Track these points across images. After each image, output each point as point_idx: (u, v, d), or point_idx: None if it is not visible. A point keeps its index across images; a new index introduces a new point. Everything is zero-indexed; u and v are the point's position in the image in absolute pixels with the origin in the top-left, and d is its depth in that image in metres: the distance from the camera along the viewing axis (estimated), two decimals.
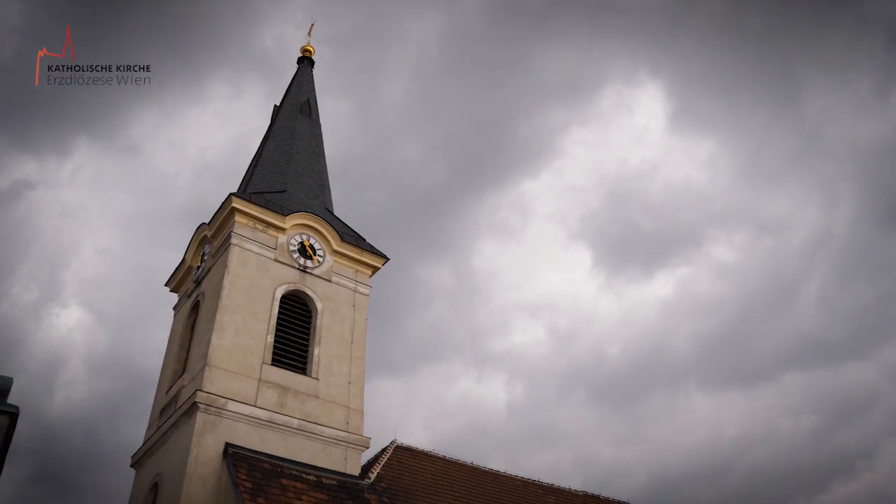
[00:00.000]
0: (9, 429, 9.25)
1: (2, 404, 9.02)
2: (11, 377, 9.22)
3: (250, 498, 15.43)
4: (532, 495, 24.12)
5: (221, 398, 17.52)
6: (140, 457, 20.10)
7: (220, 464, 16.80)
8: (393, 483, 19.51)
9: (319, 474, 17.79)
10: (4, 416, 9.01)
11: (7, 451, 9.81)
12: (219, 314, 18.88)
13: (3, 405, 9.02)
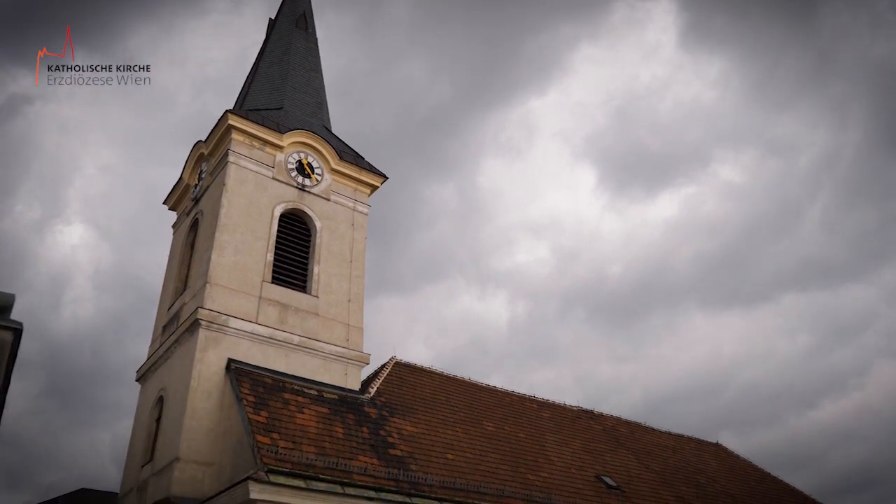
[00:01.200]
0: (13, 344, 9.38)
1: (5, 320, 9.12)
2: (13, 293, 9.29)
3: (253, 411, 15.87)
4: (527, 410, 24.84)
5: (223, 315, 17.78)
6: (144, 372, 20.56)
7: (223, 379, 17.21)
8: (392, 397, 20.04)
9: (321, 389, 18.24)
10: (8, 331, 9.12)
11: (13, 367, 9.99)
12: (218, 232, 18.93)
13: (6, 321, 9.12)
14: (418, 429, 18.96)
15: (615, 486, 21.63)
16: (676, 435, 30.87)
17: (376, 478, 15.64)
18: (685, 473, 26.31)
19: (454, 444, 19.21)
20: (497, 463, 19.33)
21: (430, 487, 16.31)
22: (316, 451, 15.48)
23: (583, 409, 27.92)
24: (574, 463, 22.01)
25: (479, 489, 17.25)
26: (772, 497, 28.57)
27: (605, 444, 25.23)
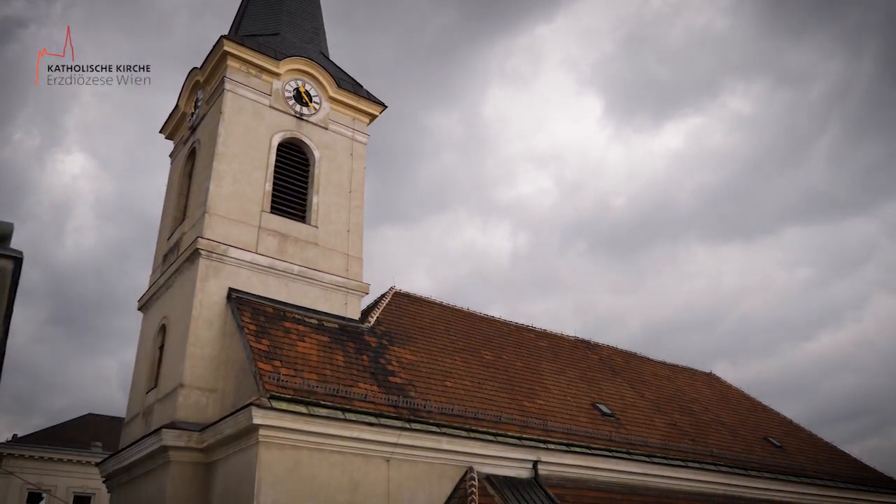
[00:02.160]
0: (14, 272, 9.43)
1: (5, 249, 9.14)
2: (12, 223, 9.29)
3: (255, 339, 16.10)
4: (525, 339, 25.21)
5: (222, 245, 17.82)
6: (146, 301, 20.75)
7: (224, 307, 17.39)
8: (391, 326, 20.30)
9: (321, 318, 18.45)
10: (8, 260, 9.16)
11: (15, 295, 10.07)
12: (216, 162, 18.78)
13: (6, 250, 9.14)
14: (417, 357, 19.29)
15: (610, 413, 22.16)
16: (671, 365, 31.45)
17: (376, 404, 16.00)
18: (678, 402, 26.93)
19: (453, 371, 19.57)
20: (494, 390, 19.74)
21: (429, 413, 16.70)
22: (317, 378, 15.78)
23: (580, 339, 28.35)
24: (570, 391, 22.48)
25: (476, 415, 17.67)
26: (763, 425, 29.32)
27: (601, 373, 25.72)
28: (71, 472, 38.17)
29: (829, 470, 27.17)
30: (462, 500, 15.85)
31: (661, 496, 20.08)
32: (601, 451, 19.38)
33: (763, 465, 24.31)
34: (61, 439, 39.73)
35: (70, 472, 38.17)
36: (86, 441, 40.08)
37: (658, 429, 22.89)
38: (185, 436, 15.85)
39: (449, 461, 16.56)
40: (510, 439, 17.61)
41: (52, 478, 37.33)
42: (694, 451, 22.42)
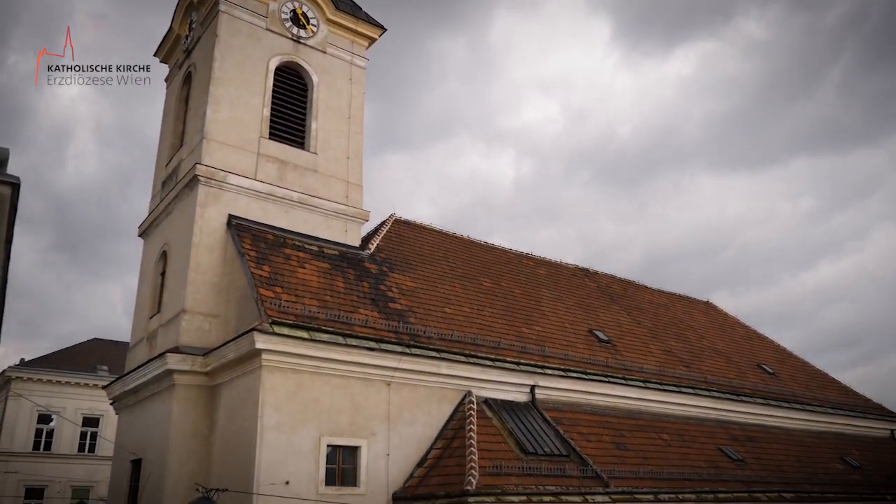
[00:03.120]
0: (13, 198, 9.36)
1: (2, 175, 9.03)
2: (7, 148, 9.14)
3: (256, 266, 16.18)
4: (524, 267, 25.36)
5: (221, 171, 17.69)
6: (146, 227, 20.75)
7: (224, 234, 17.41)
8: (392, 254, 20.38)
9: (321, 245, 18.50)
10: (6, 186, 9.06)
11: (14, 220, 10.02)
12: (212, 86, 18.44)
13: (3, 175, 9.03)
14: (417, 284, 19.44)
15: (606, 339, 22.50)
16: (668, 293, 31.75)
17: (377, 330, 16.21)
18: (675, 329, 27.31)
19: (452, 298, 19.76)
20: (493, 317, 19.98)
21: (429, 339, 16.95)
22: (318, 304, 15.94)
23: (578, 266, 28.52)
24: (567, 318, 22.76)
25: (475, 341, 17.94)
26: (756, 352, 29.83)
27: (599, 300, 25.99)
28: (78, 395, 39.02)
29: (819, 396, 27.80)
30: (461, 423, 16.26)
31: (655, 420, 20.60)
32: (597, 376, 19.77)
33: (755, 391, 24.86)
34: (68, 363, 40.46)
35: (78, 394, 39.01)
36: (92, 365, 40.84)
37: (653, 355, 23.29)
38: (189, 360, 16.13)
39: (448, 385, 16.92)
40: (508, 364, 17.93)
41: (60, 400, 38.19)
42: (688, 377, 22.89)
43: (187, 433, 15.96)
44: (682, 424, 21.26)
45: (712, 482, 18.70)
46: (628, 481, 16.59)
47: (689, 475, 18.40)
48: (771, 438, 23.67)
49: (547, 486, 14.92)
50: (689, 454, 19.74)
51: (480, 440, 15.43)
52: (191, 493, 14.27)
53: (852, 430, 27.78)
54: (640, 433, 19.46)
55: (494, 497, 13.82)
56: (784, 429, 24.87)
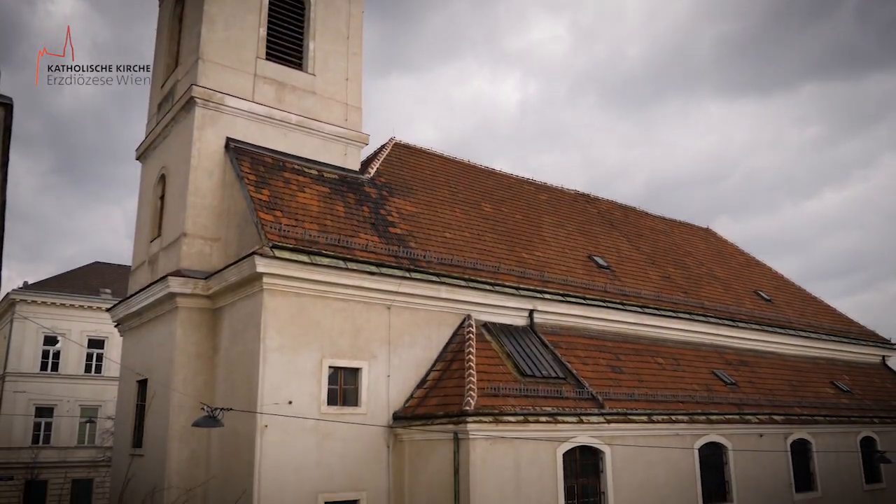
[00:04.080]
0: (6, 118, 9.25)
1: None
2: None
3: (255, 189, 16.09)
4: (525, 192, 25.25)
5: (218, 93, 17.37)
6: (144, 150, 20.54)
7: (222, 157, 17.24)
8: (392, 178, 20.25)
9: (320, 168, 18.35)
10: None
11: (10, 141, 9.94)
12: (206, 4, 17.88)
13: None
14: (417, 208, 19.39)
15: (605, 265, 22.62)
16: (669, 219, 31.73)
17: (377, 254, 16.27)
18: (674, 256, 27.43)
19: (452, 223, 19.75)
20: (493, 242, 20.02)
21: (429, 264, 17.03)
22: (318, 228, 15.93)
23: (579, 192, 28.40)
24: (568, 244, 22.82)
25: (475, 266, 18.03)
26: (754, 279, 30.05)
27: (599, 226, 26.00)
28: (83, 318, 39.50)
29: (813, 323, 28.18)
30: (460, 346, 16.52)
31: (651, 344, 20.94)
32: (595, 301, 19.97)
33: (751, 318, 25.17)
34: (71, 286, 40.80)
35: (82, 317, 39.49)
36: (95, 288, 41.19)
37: (652, 281, 23.46)
38: (191, 283, 16.25)
39: (448, 309, 17.11)
40: (507, 289, 18.08)
41: (65, 322, 38.69)
42: (685, 303, 23.13)
43: (191, 355, 16.24)
44: (677, 349, 21.62)
45: (705, 404, 19.17)
46: (623, 403, 17.00)
47: (682, 397, 18.84)
48: (764, 363, 24.13)
49: (544, 408, 15.29)
50: (684, 377, 20.16)
51: (479, 363, 15.72)
52: (196, 412, 14.61)
53: (844, 355, 28.28)
54: (636, 357, 19.81)
55: (492, 417, 14.17)
56: (778, 354, 25.31)
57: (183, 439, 15.62)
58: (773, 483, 20.13)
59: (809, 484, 21.48)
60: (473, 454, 13.93)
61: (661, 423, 17.44)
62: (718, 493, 18.79)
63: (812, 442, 21.73)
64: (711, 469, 18.74)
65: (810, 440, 21.69)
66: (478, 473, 13.91)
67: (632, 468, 16.65)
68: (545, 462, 15.01)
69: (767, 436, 20.33)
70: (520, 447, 14.62)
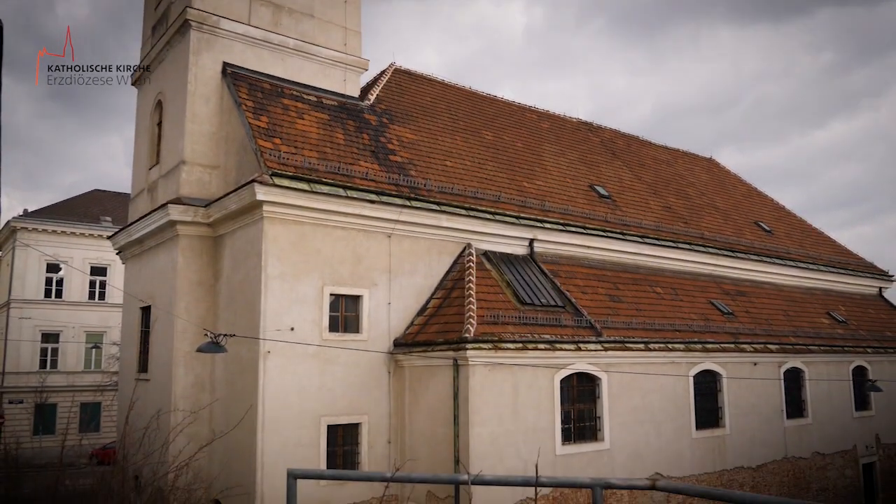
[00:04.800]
0: None
1: None
2: None
3: (253, 116, 15.87)
4: (527, 120, 24.92)
5: (213, 16, 16.91)
6: (139, 76, 20.15)
7: (219, 83, 16.94)
8: (392, 105, 19.94)
9: (319, 95, 18.05)
10: None
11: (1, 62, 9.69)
12: None
13: None
14: (418, 136, 19.17)
15: (607, 195, 22.53)
16: (672, 149, 31.44)
17: (377, 182, 16.18)
18: (675, 186, 27.29)
19: (453, 151, 19.57)
20: (494, 171, 19.88)
21: (429, 192, 16.95)
22: (317, 156, 15.79)
23: (582, 121, 28.04)
24: (569, 173, 22.66)
25: (475, 195, 17.96)
26: (755, 210, 30.00)
27: (601, 155, 25.77)
28: (84, 245, 39.64)
29: (812, 254, 28.27)
30: (460, 274, 16.62)
31: (650, 274, 21.06)
32: (596, 230, 19.98)
33: (750, 248, 25.24)
34: (71, 214, 40.81)
35: (83, 244, 39.62)
36: (95, 216, 41.20)
37: (653, 211, 23.42)
38: (192, 211, 16.21)
39: (448, 238, 17.14)
40: (508, 218, 18.06)
41: (67, 250, 38.85)
42: (685, 233, 23.15)
43: (193, 282, 16.36)
44: (676, 279, 21.76)
45: (701, 333, 19.43)
46: (620, 331, 17.23)
47: (679, 326, 19.08)
48: (761, 293, 24.33)
49: (542, 335, 15.50)
50: (681, 307, 20.36)
51: (479, 291, 15.84)
52: (199, 338, 14.84)
53: (842, 286, 28.50)
54: (635, 286, 19.96)
55: (491, 344, 14.38)
56: (775, 284, 25.49)
57: (187, 364, 15.90)
58: (764, 410, 20.61)
59: (801, 411, 22.01)
60: (473, 380, 14.21)
61: (657, 351, 17.72)
62: (711, 419, 19.26)
63: (805, 370, 22.14)
64: (705, 396, 19.17)
65: (803, 369, 22.10)
66: (477, 398, 14.22)
67: (627, 394, 17.02)
68: (543, 388, 15.33)
69: (761, 364, 20.70)
70: (518, 373, 14.90)
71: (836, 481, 22.65)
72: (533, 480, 3.04)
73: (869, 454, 24.16)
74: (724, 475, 19.03)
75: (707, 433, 18.92)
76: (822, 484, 22.04)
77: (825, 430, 22.53)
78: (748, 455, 19.89)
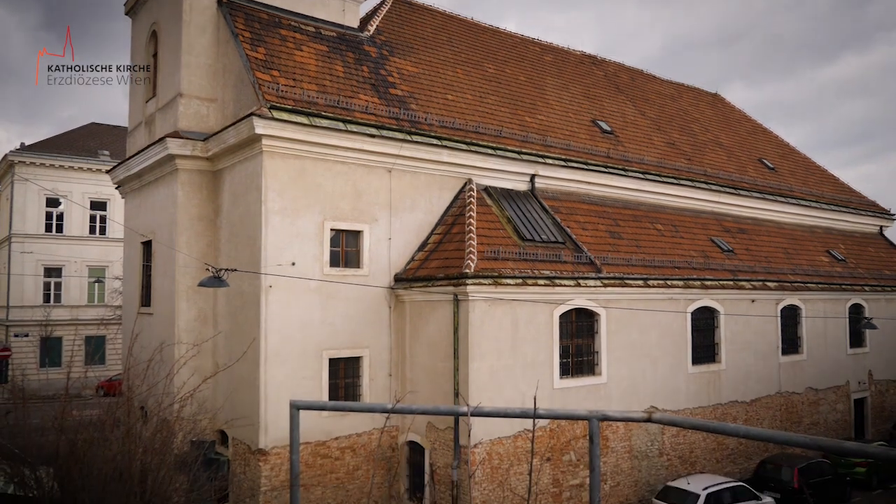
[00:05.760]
0: None
1: None
2: None
3: (251, 48, 15.53)
4: (531, 52, 24.42)
5: None
6: (133, 5, 19.62)
7: (215, 13, 16.53)
8: (392, 36, 19.49)
9: (318, 25, 17.62)
10: None
11: None
12: None
13: None
14: (419, 69, 18.81)
15: (609, 130, 22.26)
16: (677, 83, 30.92)
17: (377, 116, 15.96)
18: (680, 121, 26.95)
19: (454, 85, 19.24)
20: (496, 105, 19.59)
21: (430, 126, 16.74)
22: (317, 88, 15.53)
23: (586, 54, 27.47)
24: (571, 107, 22.34)
25: (477, 129, 17.74)
26: (760, 147, 29.70)
27: (605, 90, 25.36)
28: (83, 179, 39.36)
29: (815, 192, 28.13)
30: (461, 209, 16.58)
31: (651, 211, 21.00)
32: (597, 166, 19.82)
33: (753, 186, 25.09)
34: (69, 147, 40.40)
35: (82, 178, 39.34)
36: (93, 149, 40.79)
37: (656, 147, 23.19)
38: (190, 144, 16.05)
39: (449, 173, 17.02)
40: (509, 153, 17.89)
41: (66, 184, 38.60)
42: (688, 170, 22.97)
43: (193, 217, 16.32)
44: (677, 216, 21.71)
45: (700, 270, 19.51)
46: (620, 268, 17.29)
47: (678, 263, 19.14)
48: (762, 231, 24.32)
49: (542, 271, 15.56)
50: (682, 244, 20.37)
51: (479, 226, 15.83)
52: (201, 273, 14.90)
53: (843, 225, 28.48)
54: (636, 223, 19.93)
55: (491, 280, 14.46)
56: (776, 222, 25.46)
57: (190, 299, 16.03)
58: (760, 346, 20.88)
59: (796, 347, 22.30)
60: (472, 315, 14.33)
61: (656, 287, 17.83)
62: (707, 354, 19.53)
63: (802, 308, 22.33)
64: (702, 332, 19.39)
65: (800, 306, 22.29)
66: (476, 333, 14.38)
67: (626, 330, 17.21)
68: (542, 323, 15.48)
69: (759, 301, 20.85)
70: (518, 309, 15.02)
71: (828, 415, 23.13)
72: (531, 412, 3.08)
73: (861, 390, 24.60)
74: (717, 409, 19.43)
75: (703, 368, 19.22)
76: (813, 418, 22.52)
77: (819, 366, 22.89)
78: (742, 390, 20.26)
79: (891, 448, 2.38)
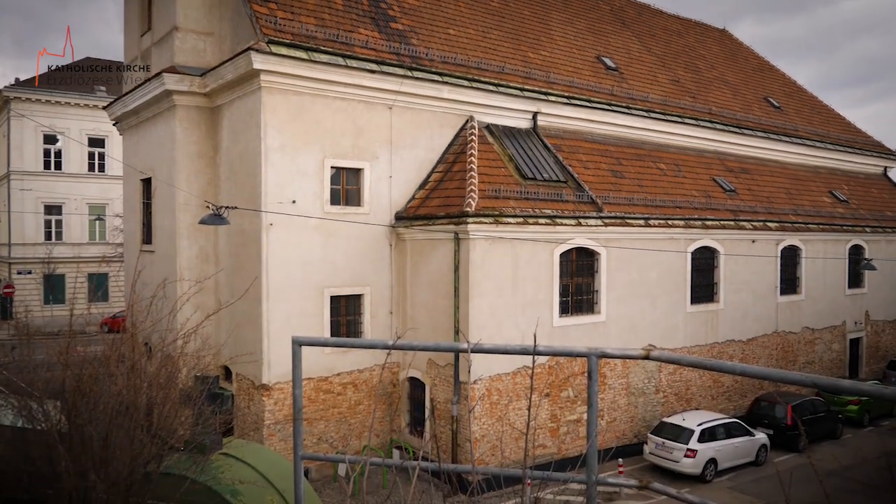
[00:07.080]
0: None
1: None
2: None
3: None
4: None
5: None
6: None
7: None
8: None
9: None
10: None
11: None
12: None
13: None
14: (420, 2, 18.35)
15: (614, 67, 21.86)
16: (684, 19, 30.21)
17: (378, 51, 15.65)
18: (685, 58, 26.43)
19: (457, 19, 18.80)
20: (499, 40, 19.18)
21: (431, 62, 16.44)
22: (315, 22, 15.18)
23: None
24: (576, 43, 21.88)
25: (479, 65, 17.42)
26: (766, 85, 29.21)
27: (610, 25, 24.79)
28: (80, 116, 38.88)
29: (820, 131, 27.79)
30: (462, 147, 16.43)
31: (654, 150, 20.80)
32: (601, 104, 19.54)
33: (757, 125, 24.79)
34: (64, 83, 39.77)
35: (79, 115, 38.86)
36: (89, 85, 40.18)
37: (660, 84, 22.81)
38: (187, 80, 15.80)
39: (450, 110, 16.80)
40: (511, 90, 17.61)
41: (63, 121, 38.14)
42: (692, 108, 22.66)
43: (192, 154, 16.19)
44: (680, 155, 21.52)
45: (702, 210, 19.46)
46: (621, 207, 17.24)
47: (680, 203, 19.08)
48: (765, 171, 24.15)
49: (543, 210, 15.52)
50: (684, 183, 20.26)
51: (481, 164, 15.71)
52: (201, 210, 14.87)
53: (847, 165, 28.25)
54: (638, 162, 19.77)
55: (492, 219, 14.43)
56: (780, 162, 25.25)
57: (191, 236, 16.04)
58: (759, 286, 20.99)
59: (794, 288, 22.41)
60: (473, 253, 14.37)
61: (657, 227, 17.81)
62: (706, 294, 19.65)
63: (802, 248, 22.36)
64: (702, 272, 19.46)
65: (801, 247, 22.31)
66: (477, 271, 14.44)
67: (625, 269, 17.27)
68: (542, 262, 15.53)
69: (760, 241, 20.87)
70: (518, 247, 15.05)
71: (823, 354, 23.44)
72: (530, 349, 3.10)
73: (857, 329, 24.86)
74: (714, 347, 19.67)
75: (701, 307, 19.37)
76: (808, 357, 22.83)
77: (817, 306, 23.06)
78: (740, 329, 20.47)
79: (884, 386, 2.42)
